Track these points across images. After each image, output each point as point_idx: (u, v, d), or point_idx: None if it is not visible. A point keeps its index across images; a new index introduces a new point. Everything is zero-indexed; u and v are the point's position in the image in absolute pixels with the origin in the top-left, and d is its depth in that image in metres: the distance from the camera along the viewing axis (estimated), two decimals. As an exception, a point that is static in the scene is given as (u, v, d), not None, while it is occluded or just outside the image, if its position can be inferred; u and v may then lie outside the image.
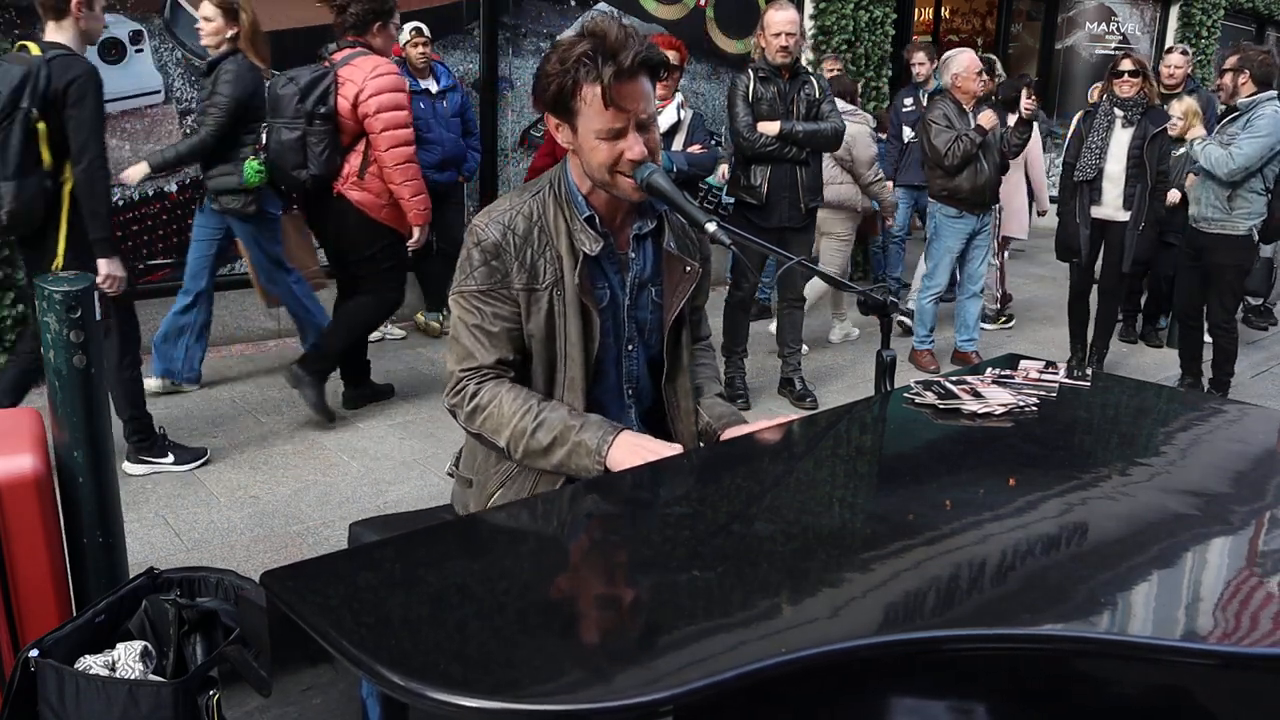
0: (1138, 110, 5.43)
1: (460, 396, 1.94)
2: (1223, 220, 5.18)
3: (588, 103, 1.82)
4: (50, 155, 3.47)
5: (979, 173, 5.53)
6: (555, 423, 1.88)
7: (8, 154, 3.40)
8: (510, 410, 1.90)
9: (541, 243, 1.92)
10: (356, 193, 4.27)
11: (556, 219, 1.93)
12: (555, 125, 1.91)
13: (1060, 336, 6.37)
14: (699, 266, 2.05)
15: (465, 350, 1.94)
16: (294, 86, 4.12)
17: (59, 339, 2.31)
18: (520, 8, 6.53)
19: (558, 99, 1.84)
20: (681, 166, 4.51)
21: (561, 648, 1.24)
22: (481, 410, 1.92)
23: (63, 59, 3.45)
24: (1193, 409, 2.44)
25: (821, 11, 7.79)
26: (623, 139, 1.84)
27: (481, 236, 1.92)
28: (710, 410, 2.15)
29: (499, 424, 1.91)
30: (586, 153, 1.87)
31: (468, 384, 1.93)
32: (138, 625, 2.27)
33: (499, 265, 1.91)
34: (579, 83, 1.81)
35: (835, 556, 1.49)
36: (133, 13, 5.18)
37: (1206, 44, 11.48)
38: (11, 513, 2.14)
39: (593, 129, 1.84)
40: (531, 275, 1.92)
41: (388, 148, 4.17)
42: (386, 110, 4.15)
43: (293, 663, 1.38)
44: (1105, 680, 1.33)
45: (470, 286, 1.93)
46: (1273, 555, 1.58)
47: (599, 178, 1.89)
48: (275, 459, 4.22)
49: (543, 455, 1.89)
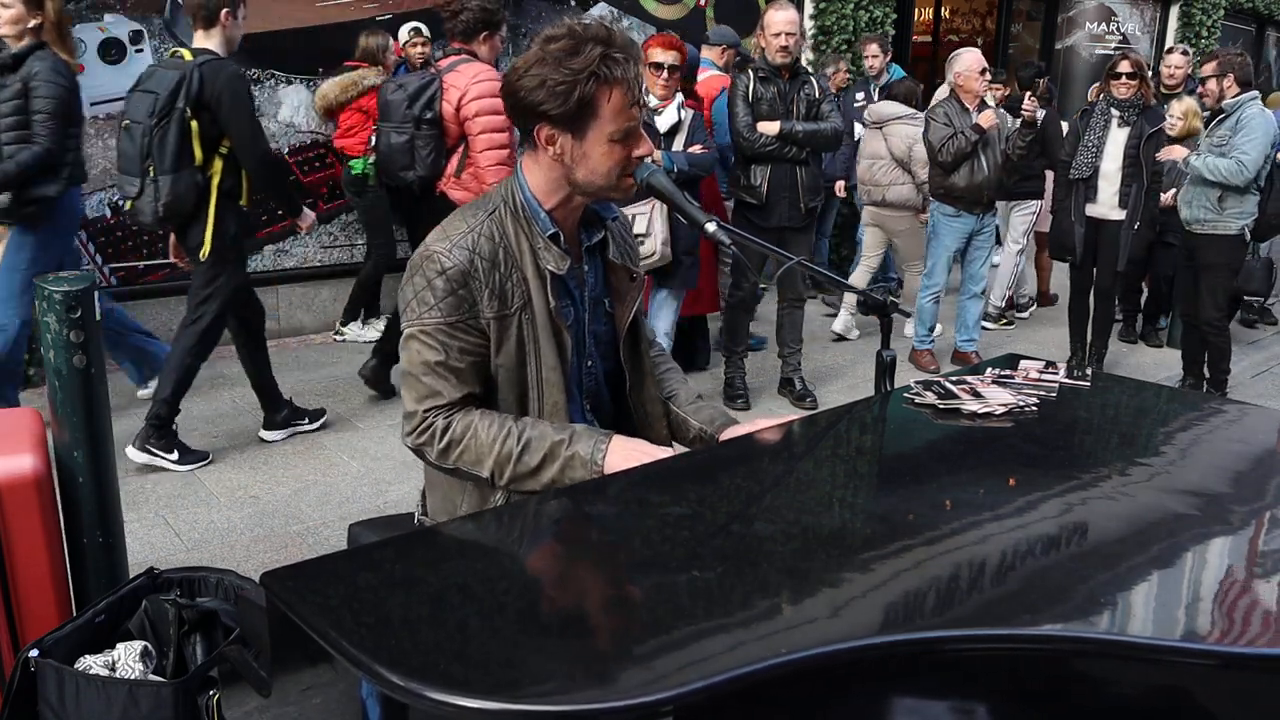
0: (1134, 110, 5.44)
1: (428, 435, 1.81)
2: (1215, 220, 5.20)
3: (610, 106, 1.76)
4: (201, 151, 3.82)
5: (975, 172, 5.54)
6: (541, 441, 1.80)
7: (165, 150, 3.73)
8: (489, 438, 1.80)
9: (508, 266, 1.82)
10: (458, 192, 4.38)
11: (518, 238, 1.83)
12: (548, 138, 1.79)
13: (1060, 336, 6.37)
14: (643, 274, 2.03)
15: (428, 389, 1.81)
16: (403, 93, 4.34)
17: (59, 339, 2.31)
18: (520, 7, 6.53)
19: (579, 106, 1.74)
20: (682, 167, 4.52)
21: (561, 648, 1.24)
22: (456, 444, 1.81)
23: (212, 64, 3.78)
24: (1193, 409, 2.44)
25: (821, 11, 7.80)
26: (633, 137, 1.81)
27: (446, 264, 1.77)
28: (698, 415, 2.09)
29: (479, 455, 1.80)
30: (594, 161, 1.80)
31: (434, 420, 1.81)
32: (138, 625, 2.27)
33: (466, 295, 1.79)
34: (602, 86, 1.74)
35: (835, 557, 1.48)
36: (132, 13, 5.18)
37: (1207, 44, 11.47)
38: (12, 513, 2.14)
39: (608, 132, 1.78)
40: (501, 301, 1.81)
41: (483, 149, 4.29)
42: (485, 114, 4.25)
43: (292, 663, 1.38)
44: (1105, 680, 1.33)
45: (434, 319, 1.78)
46: (1273, 555, 1.58)
47: (601, 184, 1.83)
48: (275, 459, 4.22)
49: (532, 476, 1.80)
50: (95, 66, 5.09)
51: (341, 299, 6.01)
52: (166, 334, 5.46)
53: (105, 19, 5.13)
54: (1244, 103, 5.12)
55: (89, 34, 5.09)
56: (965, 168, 5.53)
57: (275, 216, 5.79)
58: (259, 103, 5.59)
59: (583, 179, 1.83)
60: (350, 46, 5.70)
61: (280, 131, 5.76)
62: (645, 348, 2.06)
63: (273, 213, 5.77)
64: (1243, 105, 5.11)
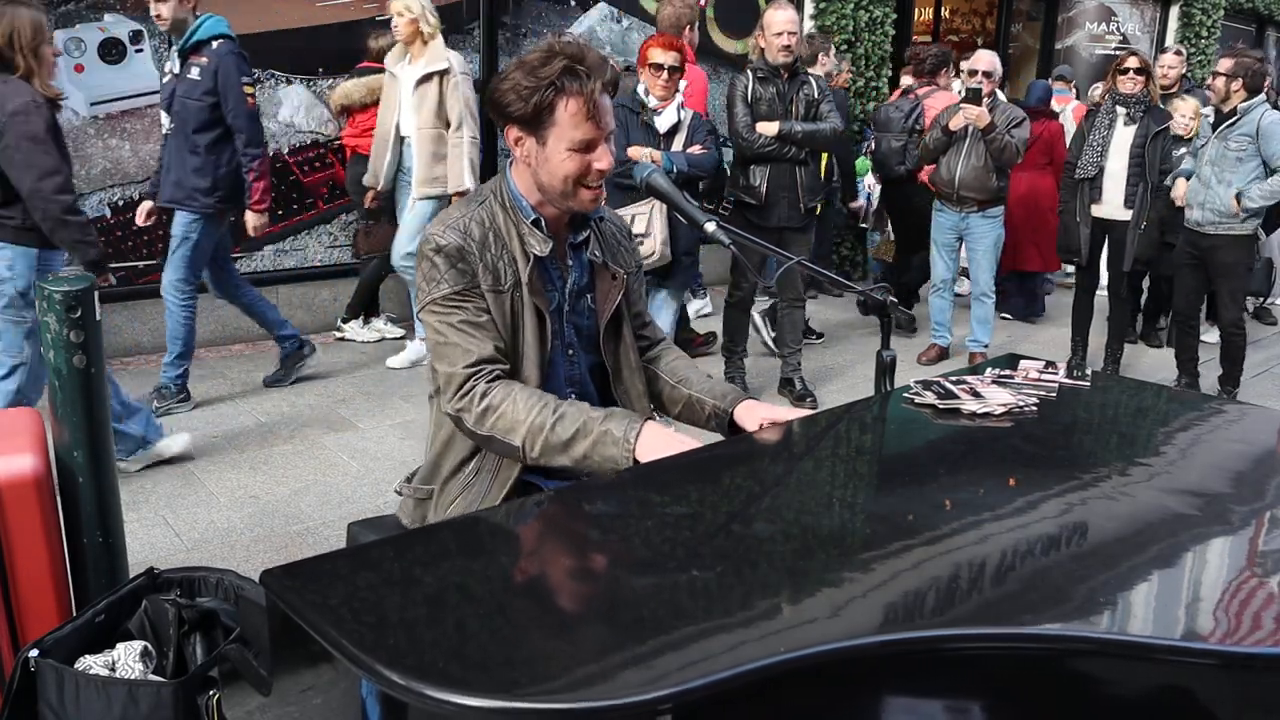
0: (1140, 108, 5.43)
1: (469, 398, 1.90)
2: (1230, 222, 5.18)
3: (567, 115, 1.88)
4: None
5: (949, 169, 5.67)
6: (576, 415, 1.87)
7: None
8: (525, 407, 1.88)
9: (498, 246, 1.96)
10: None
11: (506, 224, 1.98)
12: (516, 139, 1.94)
13: (1062, 336, 6.36)
14: (624, 275, 2.12)
15: (460, 349, 1.92)
16: (900, 112, 6.65)
17: (59, 339, 2.31)
18: (520, 7, 6.53)
19: (536, 111, 1.88)
20: (681, 167, 4.52)
21: (560, 647, 1.24)
22: (494, 410, 1.89)
23: None
24: (1193, 409, 2.44)
25: (821, 11, 7.79)
26: (593, 151, 1.91)
27: (441, 243, 1.93)
28: (710, 393, 2.16)
29: (513, 422, 1.88)
30: (553, 165, 1.92)
31: (478, 383, 1.91)
32: (137, 625, 2.27)
33: (465, 267, 1.93)
34: (560, 96, 1.87)
35: (835, 556, 1.49)
36: (132, 13, 5.18)
37: (1206, 44, 11.47)
38: (12, 513, 2.14)
39: (565, 141, 1.90)
40: (495, 278, 1.95)
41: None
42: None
43: (292, 662, 1.38)
44: (1105, 680, 1.33)
45: (443, 291, 1.93)
46: (1273, 555, 1.58)
47: (559, 189, 1.95)
48: (275, 459, 4.22)
49: (563, 450, 1.87)
50: (95, 66, 5.09)
51: (342, 299, 6.01)
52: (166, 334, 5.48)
53: (105, 19, 5.14)
54: (1254, 107, 5.08)
55: (89, 34, 5.09)
56: (941, 162, 5.70)
57: (276, 217, 5.79)
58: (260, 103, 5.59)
59: (545, 181, 1.96)
60: (350, 46, 5.71)
61: (280, 131, 5.76)
62: (630, 343, 2.14)
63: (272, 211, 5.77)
64: (1259, 112, 5.06)
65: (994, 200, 5.74)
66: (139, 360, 5.32)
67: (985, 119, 5.44)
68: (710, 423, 2.16)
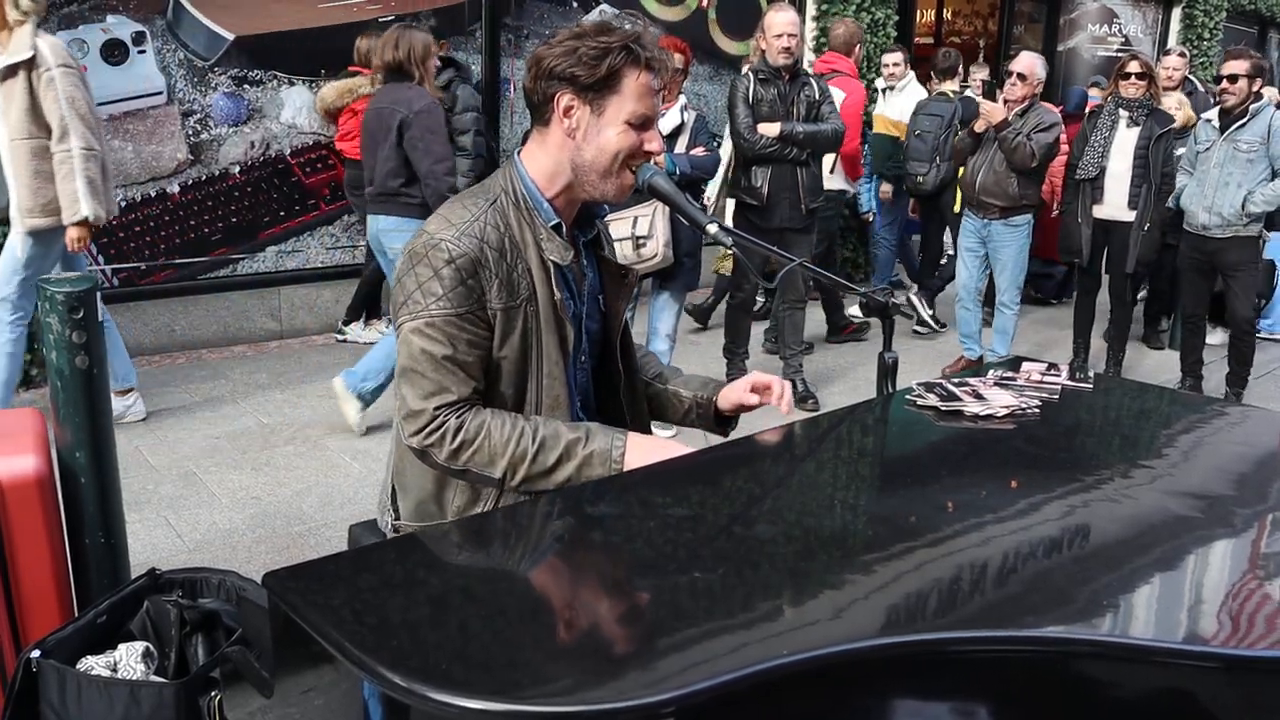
0: (1143, 111, 5.42)
1: (438, 435, 1.75)
2: (1238, 225, 5.18)
3: (634, 84, 1.77)
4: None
5: (973, 171, 5.57)
6: (556, 439, 1.78)
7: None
8: (502, 437, 1.76)
9: (514, 256, 1.79)
10: None
11: (521, 229, 1.81)
12: (568, 108, 1.78)
13: (1064, 338, 6.36)
14: (636, 274, 2.05)
15: (435, 385, 1.76)
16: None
17: (61, 339, 2.31)
18: (523, 9, 6.53)
19: (607, 75, 1.75)
20: (684, 169, 4.51)
21: (563, 649, 1.24)
22: (468, 445, 1.76)
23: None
24: (1195, 411, 2.43)
25: (823, 13, 7.79)
26: (647, 129, 1.81)
27: (455, 253, 1.73)
28: (687, 387, 2.11)
29: (491, 455, 1.76)
30: (605, 138, 1.78)
31: (447, 419, 1.76)
32: (139, 626, 2.27)
33: (475, 285, 1.75)
34: (631, 65, 1.76)
35: (837, 558, 1.48)
36: (135, 14, 5.18)
37: (1208, 46, 11.48)
38: (14, 513, 2.14)
39: (625, 114, 1.77)
40: (510, 292, 1.78)
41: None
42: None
43: (294, 663, 1.38)
44: (1107, 682, 1.33)
45: (442, 311, 1.73)
46: (1275, 558, 1.57)
47: (604, 167, 1.80)
48: (277, 460, 4.22)
49: (546, 476, 1.78)
50: (98, 67, 5.09)
51: (344, 300, 6.01)
52: (167, 335, 5.49)
53: (108, 20, 5.14)
54: (1266, 109, 5.06)
55: (92, 35, 5.09)
56: (968, 164, 5.60)
57: (278, 218, 5.80)
58: (261, 103, 5.61)
59: (589, 158, 1.80)
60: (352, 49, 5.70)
61: (282, 132, 5.76)
62: (633, 347, 2.08)
63: (274, 213, 5.78)
64: (1270, 113, 5.04)
65: (1017, 208, 5.50)
66: (139, 360, 5.32)
67: (999, 114, 5.31)
68: (692, 416, 2.09)
